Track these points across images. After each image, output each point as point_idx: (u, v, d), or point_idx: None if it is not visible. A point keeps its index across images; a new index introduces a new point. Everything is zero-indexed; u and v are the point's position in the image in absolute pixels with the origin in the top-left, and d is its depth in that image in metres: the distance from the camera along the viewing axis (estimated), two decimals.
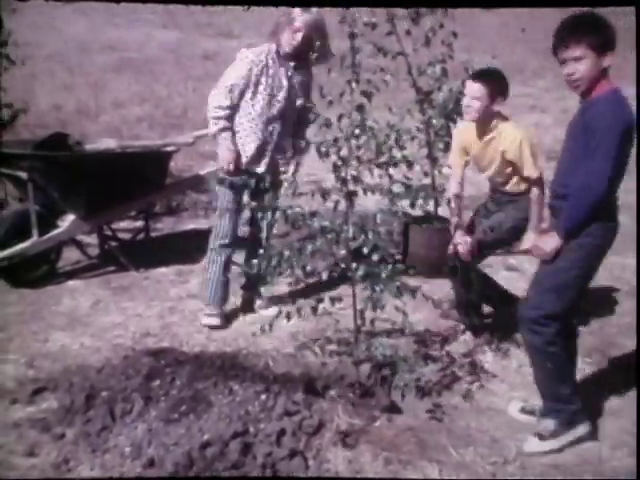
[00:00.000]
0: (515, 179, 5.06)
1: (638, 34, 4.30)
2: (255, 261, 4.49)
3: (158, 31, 17.59)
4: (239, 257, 5.53)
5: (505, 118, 5.02)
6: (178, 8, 20.34)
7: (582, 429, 4.16)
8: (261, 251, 4.62)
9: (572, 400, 4.16)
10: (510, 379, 4.69)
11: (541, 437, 4.11)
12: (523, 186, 5.05)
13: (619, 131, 3.78)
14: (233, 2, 6.39)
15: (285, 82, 5.24)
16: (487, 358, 4.93)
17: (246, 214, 5.52)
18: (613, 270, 6.12)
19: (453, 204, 5.18)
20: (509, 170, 5.03)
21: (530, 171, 4.99)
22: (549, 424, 4.14)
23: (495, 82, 4.93)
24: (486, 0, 6.02)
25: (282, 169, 5.34)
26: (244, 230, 5.60)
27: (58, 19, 17.31)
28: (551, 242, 4.01)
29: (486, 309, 5.49)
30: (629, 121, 3.82)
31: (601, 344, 5.16)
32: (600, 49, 3.89)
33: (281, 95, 5.23)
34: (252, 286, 5.60)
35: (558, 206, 4.04)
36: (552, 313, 4.00)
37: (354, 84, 4.45)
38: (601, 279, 6.07)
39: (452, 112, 6.01)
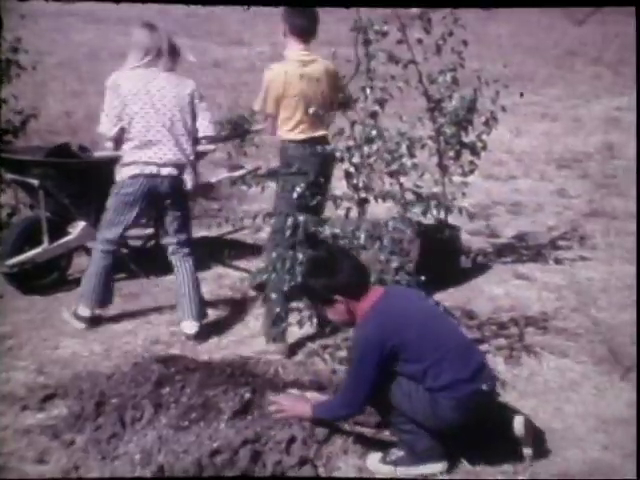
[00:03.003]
0: None
1: (638, 34, 4.30)
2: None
3: None
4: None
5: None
6: (189, 16, 20.39)
7: (432, 468, 3.94)
8: None
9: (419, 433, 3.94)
10: (521, 387, 4.67)
11: (384, 459, 3.99)
12: None
13: (373, 359, 3.79)
14: (233, 2, 6.43)
15: None
16: (498, 365, 4.91)
17: None
18: (625, 279, 6.10)
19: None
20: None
21: None
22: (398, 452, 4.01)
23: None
24: (489, 0, 6.01)
25: None
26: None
27: (69, 27, 17.36)
28: (301, 410, 4.03)
29: (498, 319, 5.50)
30: (381, 343, 3.79)
31: (612, 353, 5.13)
32: (326, 302, 3.96)
33: None
34: None
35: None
36: None
37: (368, 90, 4.45)
38: (613, 288, 6.08)
39: (463, 120, 6.00)
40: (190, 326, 5.32)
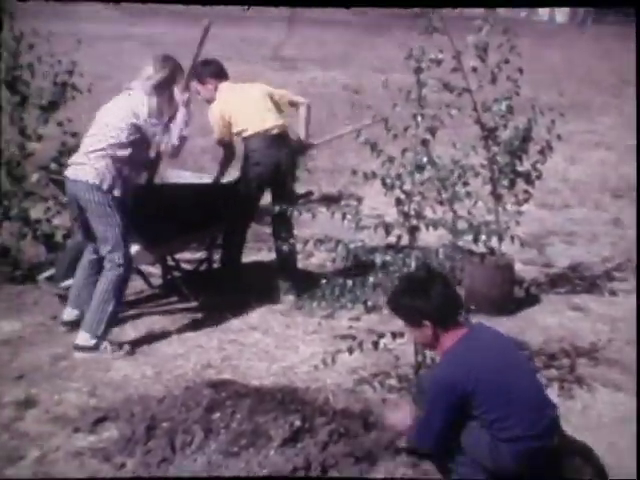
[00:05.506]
0: None
1: (638, 34, 4.27)
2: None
3: (225, 64, 17.84)
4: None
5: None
6: (243, 40, 20.63)
7: None
8: None
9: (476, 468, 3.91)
10: (574, 420, 4.60)
11: None
12: None
13: (443, 401, 3.78)
14: (233, 2, 6.56)
15: None
16: (551, 398, 4.84)
17: None
18: None
19: None
20: None
21: None
22: None
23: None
24: (490, 0, 5.99)
25: None
26: None
27: (126, 51, 17.63)
28: (400, 424, 4.09)
29: (549, 349, 5.44)
30: (451, 388, 3.75)
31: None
32: (414, 323, 3.92)
33: None
34: None
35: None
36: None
37: (419, 118, 4.45)
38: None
39: (518, 149, 5.97)
40: (80, 336, 5.38)
